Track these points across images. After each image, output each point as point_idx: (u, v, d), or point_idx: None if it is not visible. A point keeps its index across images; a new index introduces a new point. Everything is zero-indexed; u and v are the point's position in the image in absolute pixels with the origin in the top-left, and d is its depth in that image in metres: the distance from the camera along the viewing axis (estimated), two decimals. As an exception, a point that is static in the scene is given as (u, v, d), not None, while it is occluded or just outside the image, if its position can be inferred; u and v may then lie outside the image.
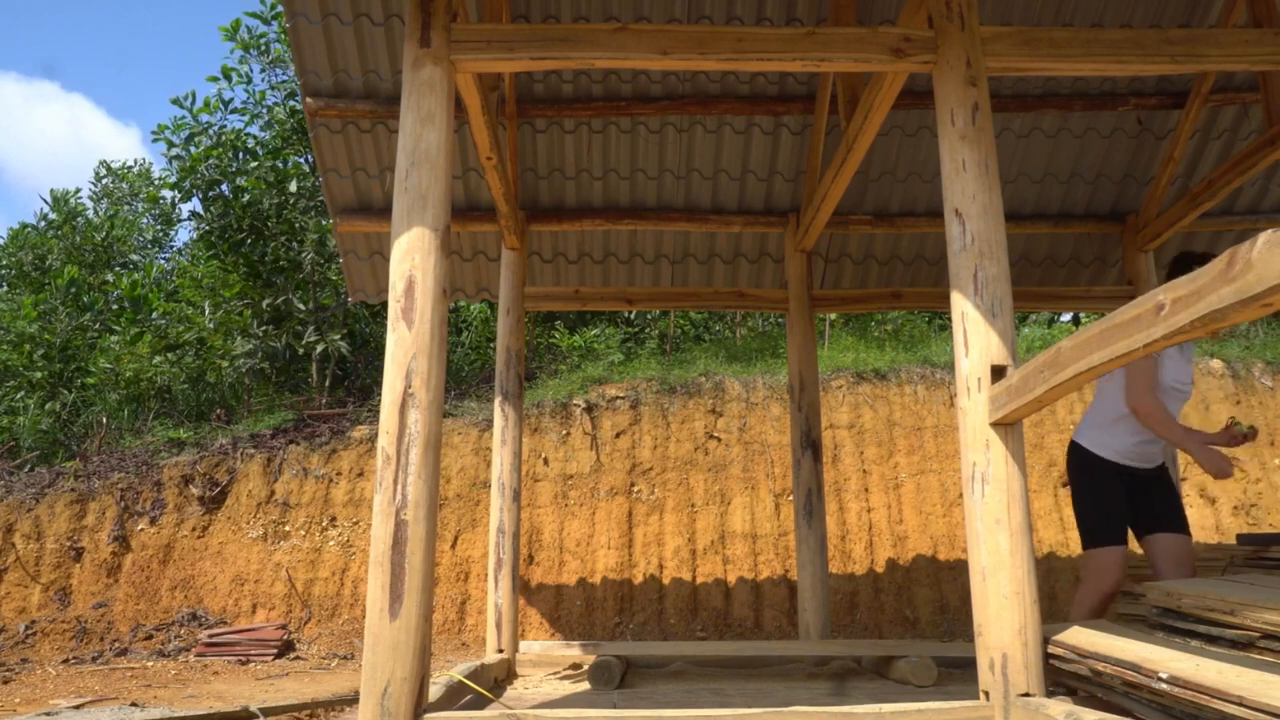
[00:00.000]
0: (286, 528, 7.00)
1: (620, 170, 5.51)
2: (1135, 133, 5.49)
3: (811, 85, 5.13)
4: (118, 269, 13.13)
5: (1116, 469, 3.41)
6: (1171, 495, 3.46)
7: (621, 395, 7.76)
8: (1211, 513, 7.25)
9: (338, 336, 9.25)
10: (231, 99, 9.99)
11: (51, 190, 13.63)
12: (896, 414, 7.65)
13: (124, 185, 15.56)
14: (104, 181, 15.55)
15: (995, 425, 2.76)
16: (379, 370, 9.76)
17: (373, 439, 7.48)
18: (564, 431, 7.50)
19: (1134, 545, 7.03)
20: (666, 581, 6.79)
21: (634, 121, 5.27)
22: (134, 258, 13.94)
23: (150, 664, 5.69)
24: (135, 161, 16.07)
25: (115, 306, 10.98)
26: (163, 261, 14.01)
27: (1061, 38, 3.15)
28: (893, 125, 5.31)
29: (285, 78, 10.11)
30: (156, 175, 15.81)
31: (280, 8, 9.88)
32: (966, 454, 2.83)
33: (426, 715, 2.61)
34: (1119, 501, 3.38)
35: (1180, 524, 3.41)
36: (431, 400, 2.81)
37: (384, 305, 9.48)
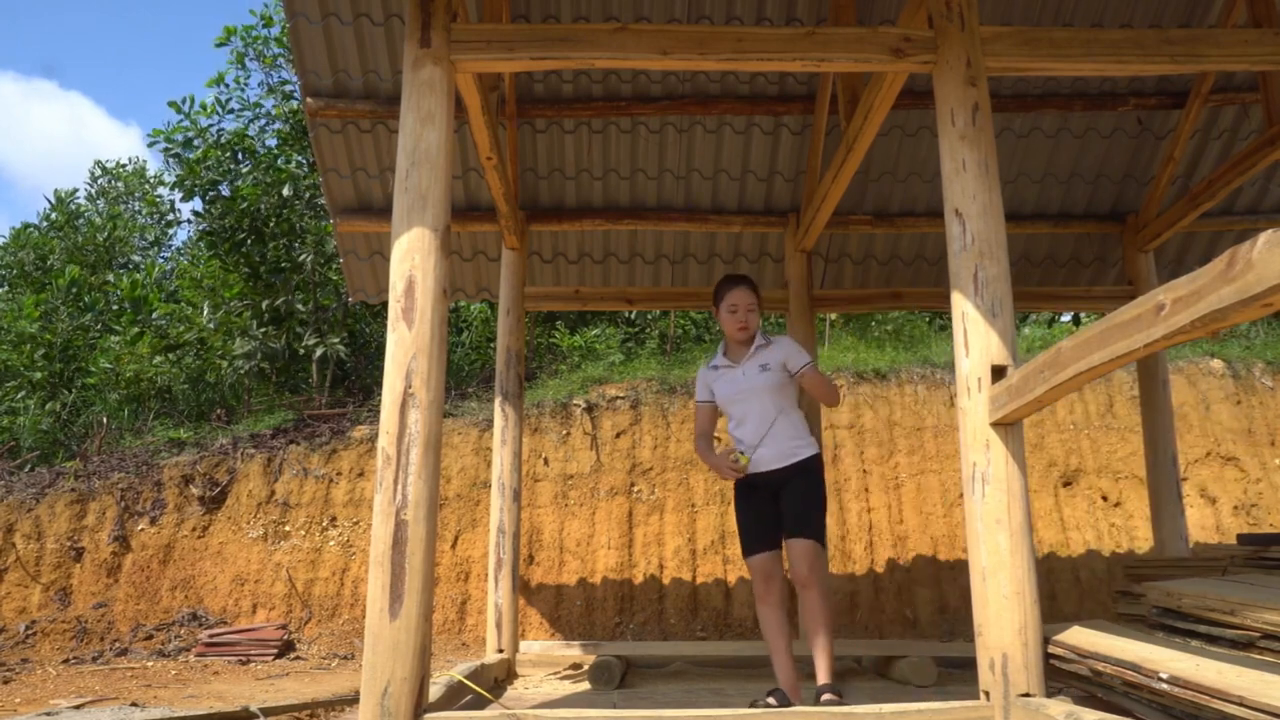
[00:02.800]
0: (286, 528, 7.00)
1: (620, 170, 5.51)
2: (1135, 133, 5.49)
3: (811, 85, 5.13)
4: (119, 269, 13.14)
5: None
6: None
7: (621, 395, 7.75)
8: (1212, 513, 7.25)
9: (336, 339, 9.24)
10: (229, 99, 10.00)
11: (55, 191, 13.65)
12: (897, 414, 7.65)
13: (119, 184, 15.55)
14: (100, 181, 15.55)
15: (995, 425, 2.76)
16: (379, 370, 9.74)
17: (373, 439, 7.47)
18: (564, 431, 7.50)
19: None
20: (666, 581, 6.79)
21: (634, 121, 5.27)
22: (135, 258, 13.95)
23: (150, 664, 5.69)
24: (129, 160, 16.07)
25: (115, 307, 10.98)
26: (163, 261, 14.02)
27: (1061, 38, 3.15)
28: (893, 125, 5.31)
29: (280, 79, 10.11)
30: (151, 173, 15.81)
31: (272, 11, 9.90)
32: (966, 454, 2.82)
33: (426, 715, 2.61)
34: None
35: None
36: (431, 400, 2.81)
37: (384, 305, 9.47)
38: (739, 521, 3.51)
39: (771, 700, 3.17)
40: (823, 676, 3.16)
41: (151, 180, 15.51)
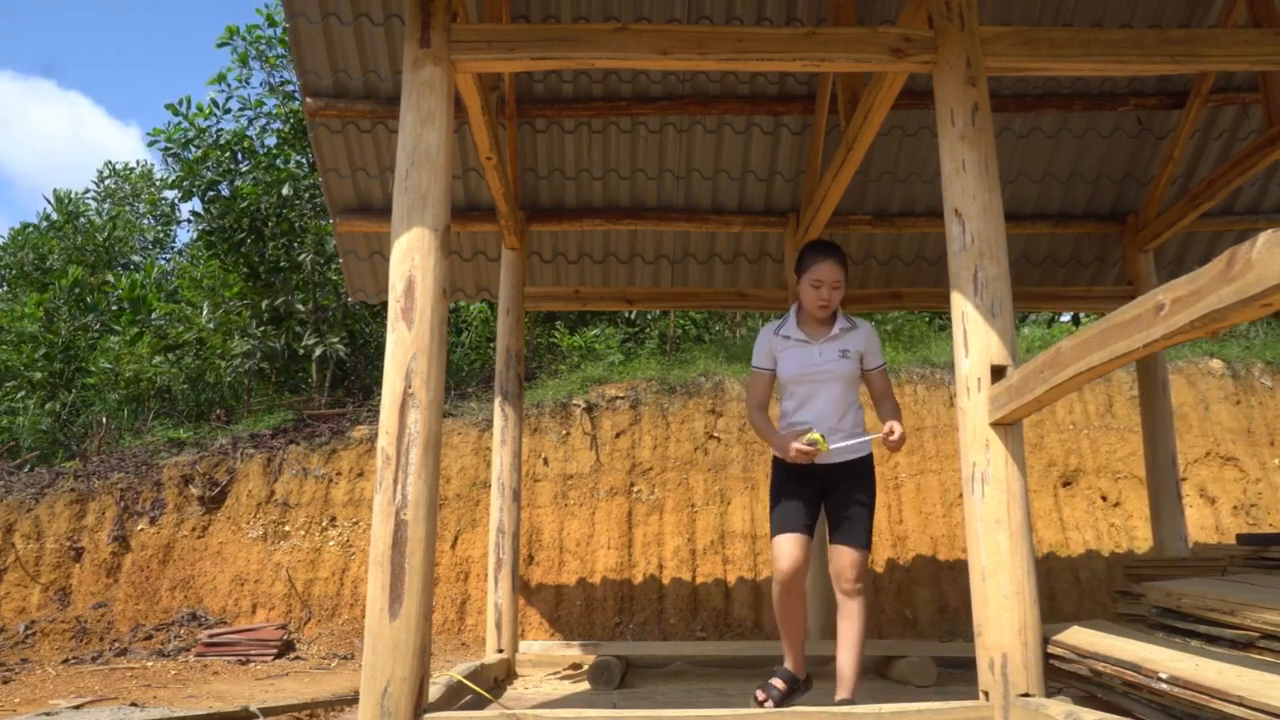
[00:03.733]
0: (286, 528, 7.00)
1: (620, 170, 5.51)
2: (1135, 133, 5.49)
3: (811, 85, 5.13)
4: (119, 269, 13.14)
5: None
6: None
7: (621, 395, 7.75)
8: (1211, 513, 7.25)
9: (336, 339, 9.24)
10: (229, 98, 9.99)
11: (55, 191, 13.64)
12: (896, 414, 7.64)
13: (126, 186, 15.56)
14: (107, 182, 15.56)
15: (995, 425, 2.76)
16: (379, 370, 9.73)
17: (373, 439, 7.47)
18: (564, 431, 7.50)
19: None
20: (666, 581, 6.79)
21: (634, 121, 5.26)
22: (135, 258, 13.95)
23: (150, 664, 5.69)
24: (137, 163, 16.09)
25: (115, 307, 10.98)
26: (164, 262, 14.02)
27: (1061, 38, 3.15)
28: (893, 125, 5.31)
29: (281, 79, 10.11)
30: (158, 176, 15.83)
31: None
32: (966, 454, 2.82)
33: (426, 715, 2.61)
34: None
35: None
36: (431, 400, 2.81)
37: (384, 305, 9.47)
38: (774, 499, 3.22)
39: (776, 682, 3.14)
40: (844, 693, 3.05)
41: (158, 184, 15.52)
